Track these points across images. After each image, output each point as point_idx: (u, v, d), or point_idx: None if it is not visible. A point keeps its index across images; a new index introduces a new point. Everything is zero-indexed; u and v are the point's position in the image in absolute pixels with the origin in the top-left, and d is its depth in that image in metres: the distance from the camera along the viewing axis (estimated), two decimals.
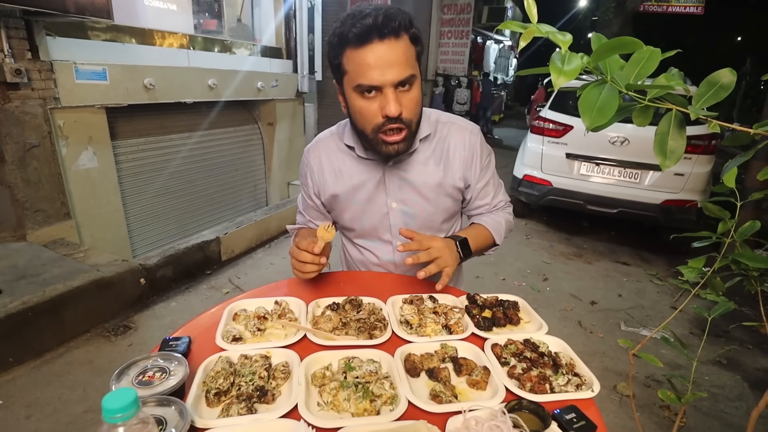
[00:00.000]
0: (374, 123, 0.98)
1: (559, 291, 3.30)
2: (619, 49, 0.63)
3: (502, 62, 18.55)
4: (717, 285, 1.19)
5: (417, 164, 1.14)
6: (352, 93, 0.97)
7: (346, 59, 0.94)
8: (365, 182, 1.15)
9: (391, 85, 0.93)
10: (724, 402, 2.20)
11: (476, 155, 1.16)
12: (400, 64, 0.92)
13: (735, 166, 0.98)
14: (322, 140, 1.21)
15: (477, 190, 1.20)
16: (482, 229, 1.21)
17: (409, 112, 0.98)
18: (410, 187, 1.15)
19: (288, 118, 4.73)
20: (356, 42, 0.91)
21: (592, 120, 0.65)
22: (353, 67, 0.94)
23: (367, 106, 0.96)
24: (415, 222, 1.18)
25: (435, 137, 1.15)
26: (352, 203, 1.18)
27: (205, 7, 4.06)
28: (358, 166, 1.15)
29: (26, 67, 2.44)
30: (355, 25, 0.90)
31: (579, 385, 0.76)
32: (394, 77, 0.92)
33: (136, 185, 3.33)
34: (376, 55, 0.90)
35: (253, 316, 0.92)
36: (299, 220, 1.33)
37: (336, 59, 0.97)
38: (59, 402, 1.95)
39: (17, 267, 2.37)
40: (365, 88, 0.93)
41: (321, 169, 1.19)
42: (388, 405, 0.70)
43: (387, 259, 1.23)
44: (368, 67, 0.91)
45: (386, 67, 0.91)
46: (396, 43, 0.91)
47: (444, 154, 1.15)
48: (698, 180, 3.75)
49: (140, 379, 0.67)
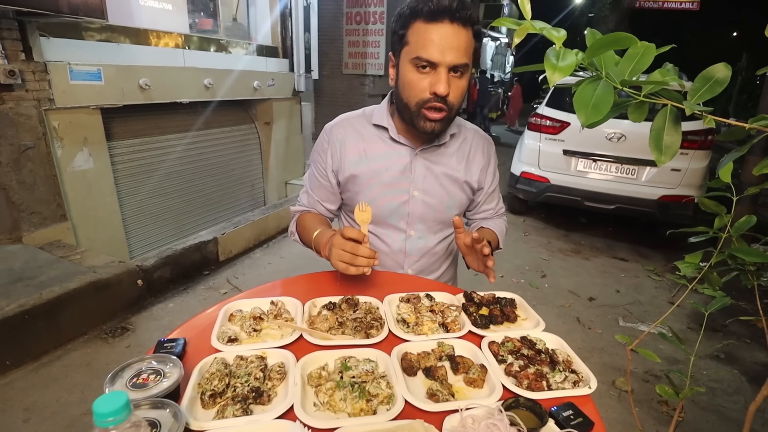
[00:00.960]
0: (421, 97, 1.01)
1: (557, 287, 3.30)
2: (614, 45, 0.63)
3: (499, 60, 18.54)
4: (714, 280, 1.20)
5: (444, 157, 1.18)
6: (408, 64, 1.00)
7: (411, 31, 0.98)
8: (390, 166, 1.16)
9: (447, 66, 0.96)
10: (722, 396, 2.20)
11: (491, 162, 1.26)
12: (461, 49, 0.96)
13: (730, 161, 0.98)
14: (348, 119, 1.22)
15: (487, 194, 1.28)
16: (493, 234, 1.26)
17: (454, 96, 1.01)
18: (434, 178, 1.18)
19: (285, 117, 4.72)
20: (428, 17, 0.95)
21: (587, 116, 0.65)
22: (417, 39, 0.97)
23: (418, 80, 0.99)
24: (432, 213, 1.20)
25: (461, 136, 1.21)
26: (372, 185, 1.17)
27: (201, 7, 4.04)
28: (385, 149, 1.17)
29: (20, 68, 2.42)
30: (431, 1, 0.94)
31: (576, 382, 0.76)
32: (451, 59, 0.95)
33: (133, 186, 3.31)
34: (441, 34, 0.94)
35: (248, 317, 0.91)
36: (304, 201, 1.29)
37: (402, 29, 1.00)
38: (57, 405, 1.94)
39: (13, 270, 2.36)
40: (423, 61, 0.97)
41: (344, 146, 1.18)
42: (385, 404, 0.70)
43: (397, 248, 1.22)
44: (431, 43, 0.95)
45: (447, 48, 0.95)
46: (462, 30, 0.95)
47: (466, 154, 1.21)
48: (695, 175, 3.75)
49: (134, 381, 0.67)
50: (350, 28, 7.93)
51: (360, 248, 0.94)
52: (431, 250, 1.24)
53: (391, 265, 1.25)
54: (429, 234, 1.22)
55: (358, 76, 8.17)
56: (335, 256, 0.96)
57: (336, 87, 8.22)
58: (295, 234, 1.29)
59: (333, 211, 1.29)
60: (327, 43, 7.62)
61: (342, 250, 0.95)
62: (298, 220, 1.28)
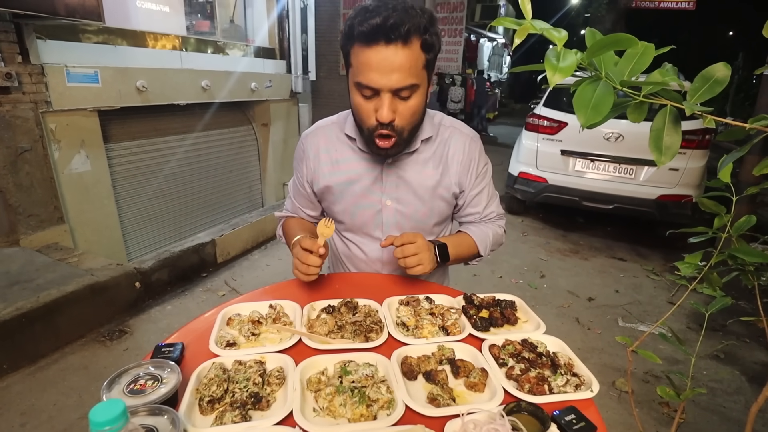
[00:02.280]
0: (369, 124, 0.98)
1: (556, 288, 3.30)
2: (614, 45, 0.62)
3: (496, 60, 18.56)
4: (714, 280, 1.19)
5: (416, 164, 1.13)
6: (353, 88, 0.97)
7: (352, 54, 0.94)
8: (362, 176, 1.14)
9: (389, 91, 0.91)
10: (722, 396, 2.20)
11: (474, 162, 1.16)
12: (403, 71, 0.89)
13: (730, 162, 0.97)
14: (322, 128, 1.20)
15: (470, 197, 1.20)
16: (467, 237, 1.20)
17: (403, 120, 0.97)
18: (407, 187, 1.14)
19: (282, 118, 4.71)
20: (362, 40, 0.89)
21: (587, 117, 0.64)
22: (356, 64, 0.93)
23: (364, 105, 0.96)
24: (407, 222, 1.17)
25: (437, 140, 1.15)
26: (345, 195, 1.16)
27: (198, 9, 4.03)
28: (356, 159, 1.14)
29: (17, 71, 2.41)
30: (363, 23, 0.87)
31: (578, 386, 0.75)
32: (392, 84, 0.90)
33: (130, 188, 3.30)
34: (378, 58, 0.88)
35: (247, 321, 0.91)
36: (288, 206, 1.31)
37: (345, 49, 0.97)
38: (54, 409, 1.93)
39: (10, 273, 2.34)
40: (364, 87, 0.93)
41: (318, 156, 1.17)
42: (385, 409, 0.69)
43: (375, 257, 1.22)
44: (369, 68, 0.90)
45: (387, 73, 0.89)
46: (402, 49, 0.88)
47: (443, 157, 1.15)
48: (693, 175, 3.76)
49: (132, 387, 0.66)
50: None
51: (308, 257, 0.98)
52: None
53: (370, 272, 1.24)
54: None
55: None
56: (293, 264, 1.03)
57: (333, 88, 8.21)
58: (282, 238, 1.32)
59: (315, 218, 1.30)
60: (324, 44, 7.61)
61: (297, 258, 1.01)
62: (284, 224, 1.31)
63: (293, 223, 1.25)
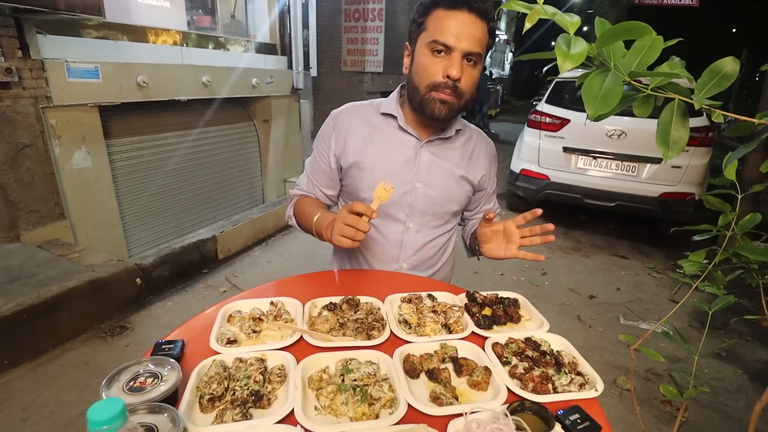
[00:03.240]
0: (433, 80, 1.02)
1: (557, 285, 3.29)
2: (625, 34, 0.61)
3: (498, 56, 18.50)
4: (718, 278, 1.18)
5: (449, 151, 1.20)
6: (424, 48, 1.02)
7: (431, 18, 1.01)
8: (395, 156, 1.16)
9: (461, 53, 0.99)
10: (724, 395, 2.19)
11: (493, 165, 1.29)
12: (476, 39, 0.99)
13: (736, 159, 0.96)
14: (355, 107, 1.22)
15: (487, 195, 1.32)
16: None
17: (466, 84, 1.03)
18: (438, 171, 1.18)
19: (283, 114, 4.70)
20: (447, 5, 0.98)
21: (595, 108, 0.63)
22: (435, 25, 1.00)
23: (432, 63, 1.01)
24: (432, 206, 1.19)
25: (465, 134, 1.23)
26: (375, 172, 1.15)
27: (199, 4, 4.01)
28: (392, 138, 1.17)
29: (17, 66, 2.40)
30: None
31: (582, 385, 0.74)
32: (466, 46, 0.98)
33: (131, 184, 3.29)
34: (459, 22, 0.98)
35: (248, 318, 0.90)
36: (303, 185, 1.28)
37: (422, 17, 1.03)
38: (55, 404, 1.93)
39: (11, 268, 2.34)
40: (439, 45, 0.99)
41: (349, 131, 1.18)
42: (387, 408, 0.68)
43: (394, 240, 1.20)
44: (449, 29, 0.98)
45: (464, 36, 0.98)
46: (479, 21, 0.99)
47: (470, 153, 1.23)
48: (695, 172, 3.74)
49: (131, 385, 0.65)
50: (349, 25, 7.89)
51: (360, 221, 0.93)
52: (428, 244, 1.23)
53: (386, 258, 1.22)
54: (427, 228, 1.22)
55: (357, 73, 8.12)
56: (336, 229, 0.96)
57: (335, 84, 8.18)
58: (292, 218, 1.27)
59: (332, 197, 1.27)
60: (325, 40, 7.58)
61: (343, 222, 0.95)
62: (296, 204, 1.26)
63: (310, 202, 1.22)
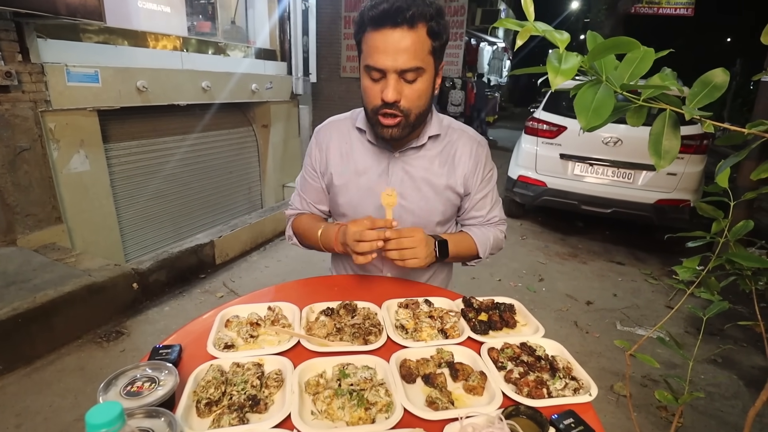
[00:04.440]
0: (374, 104, 1.01)
1: (554, 291, 3.30)
2: (615, 48, 0.63)
3: (496, 64, 18.63)
4: (712, 284, 1.19)
5: (423, 160, 1.16)
6: (363, 72, 1.01)
7: (363, 39, 0.98)
8: (369, 168, 1.16)
9: (395, 72, 0.95)
10: (720, 401, 2.20)
11: (480, 166, 1.19)
12: (408, 53, 0.93)
13: (728, 167, 0.98)
14: (335, 121, 1.23)
15: (475, 200, 1.22)
16: (467, 237, 1.21)
17: (408, 101, 1.00)
18: (412, 182, 1.16)
19: (282, 120, 4.71)
20: (372, 24, 0.95)
21: (588, 120, 0.64)
22: (366, 48, 0.98)
23: (371, 87, 1.00)
24: (410, 218, 1.17)
25: (444, 139, 1.17)
26: (351, 187, 1.17)
27: (199, 9, 4.03)
28: (365, 151, 1.17)
29: (17, 70, 2.40)
30: (373, 9, 0.94)
31: (576, 389, 0.75)
32: (398, 65, 0.94)
33: (129, 188, 3.29)
34: (385, 41, 0.93)
35: (245, 323, 0.90)
36: (296, 204, 1.29)
37: (357, 37, 1.01)
38: (50, 410, 1.92)
39: (7, 272, 2.33)
40: (372, 69, 0.97)
41: (328, 147, 1.19)
42: (384, 413, 0.69)
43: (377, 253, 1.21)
44: (376, 50, 0.94)
45: (393, 54, 0.93)
46: (408, 32, 0.93)
47: (450, 157, 1.17)
48: (691, 179, 3.77)
49: (128, 389, 0.66)
50: (348, 31, 7.94)
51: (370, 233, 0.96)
52: None
53: (370, 268, 1.24)
54: None
55: (356, 79, 8.13)
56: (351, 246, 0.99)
57: (334, 90, 8.22)
58: (293, 238, 1.29)
59: (326, 212, 1.29)
60: (325, 46, 7.63)
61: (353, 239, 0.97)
62: (294, 223, 1.27)
63: (307, 219, 1.24)
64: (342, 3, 7.80)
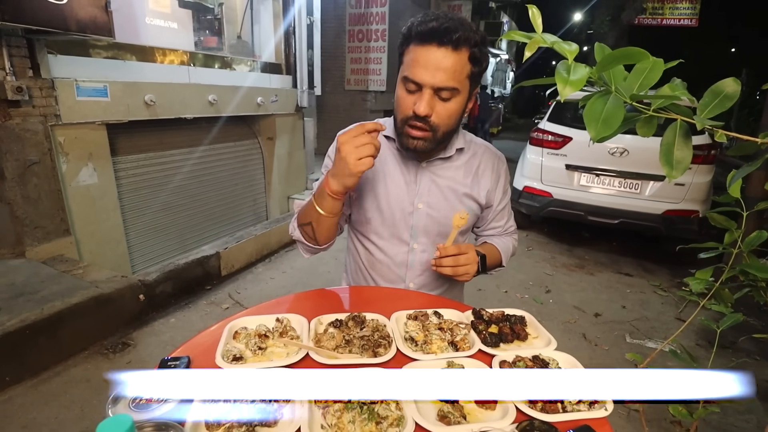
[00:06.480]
0: (405, 114, 1.03)
1: (562, 303, 3.27)
2: (624, 59, 0.63)
3: (500, 76, 18.76)
4: (725, 296, 1.18)
5: (449, 170, 1.19)
6: (400, 83, 1.04)
7: (407, 51, 1.01)
8: (397, 176, 1.17)
9: (431, 88, 0.98)
10: (733, 415, 2.15)
11: (501, 179, 1.26)
12: (447, 72, 0.96)
13: (740, 177, 0.97)
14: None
15: (496, 211, 1.28)
16: (495, 249, 1.26)
17: (439, 118, 1.02)
18: (439, 191, 1.18)
19: (288, 132, 4.75)
20: (418, 39, 0.98)
21: (597, 131, 0.64)
22: (407, 60, 1.00)
23: (405, 97, 1.03)
24: (436, 227, 1.19)
25: (468, 152, 1.22)
26: (378, 193, 1.18)
27: (206, 25, 4.10)
28: (393, 159, 1.18)
29: (27, 85, 2.45)
30: (422, 25, 0.97)
31: (592, 404, 0.73)
32: (434, 82, 0.97)
33: (136, 201, 3.32)
34: (427, 57, 0.96)
35: (254, 334, 0.89)
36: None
37: (400, 49, 1.04)
38: (56, 422, 1.91)
39: (15, 284, 2.35)
40: (409, 81, 1.00)
41: None
42: (395, 427, 0.68)
43: (400, 260, 1.21)
44: (417, 64, 0.97)
45: (432, 70, 0.96)
46: (452, 53, 0.96)
47: (474, 169, 1.21)
48: (699, 190, 3.74)
49: (138, 402, 0.65)
50: (353, 45, 8.04)
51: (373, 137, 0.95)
52: None
53: (393, 278, 1.23)
54: (432, 248, 1.21)
55: (360, 92, 8.24)
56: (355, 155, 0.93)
57: (338, 103, 8.30)
58: (296, 230, 1.18)
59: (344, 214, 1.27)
60: (330, 59, 7.72)
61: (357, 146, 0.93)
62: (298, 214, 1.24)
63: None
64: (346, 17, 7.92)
